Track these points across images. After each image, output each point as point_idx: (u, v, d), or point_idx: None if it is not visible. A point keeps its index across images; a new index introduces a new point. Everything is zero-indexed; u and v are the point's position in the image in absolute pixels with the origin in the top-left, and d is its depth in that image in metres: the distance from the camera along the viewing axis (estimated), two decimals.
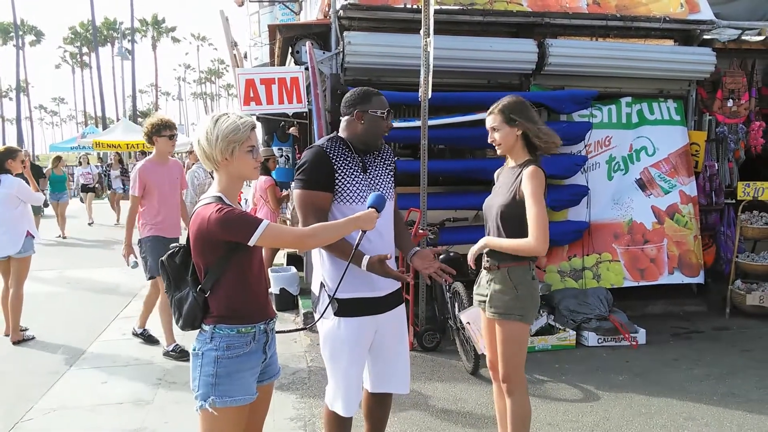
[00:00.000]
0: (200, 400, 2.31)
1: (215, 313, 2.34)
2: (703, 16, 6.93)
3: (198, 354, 2.34)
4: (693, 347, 5.55)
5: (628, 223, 6.61)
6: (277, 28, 6.94)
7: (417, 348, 5.38)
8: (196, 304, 2.34)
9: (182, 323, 2.41)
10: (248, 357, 2.36)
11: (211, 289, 2.33)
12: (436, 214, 5.98)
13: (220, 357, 2.30)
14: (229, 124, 2.30)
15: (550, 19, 6.49)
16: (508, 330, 3.09)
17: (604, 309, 5.81)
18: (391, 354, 2.96)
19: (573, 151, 6.54)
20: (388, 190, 2.95)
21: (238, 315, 2.35)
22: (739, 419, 4.04)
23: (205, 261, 2.32)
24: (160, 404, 4.40)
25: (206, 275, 2.33)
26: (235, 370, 2.31)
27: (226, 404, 2.29)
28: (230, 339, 2.32)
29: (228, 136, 2.29)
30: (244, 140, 2.31)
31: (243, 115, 2.38)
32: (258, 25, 10.77)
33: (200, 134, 2.34)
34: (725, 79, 7.01)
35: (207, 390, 2.29)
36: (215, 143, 2.29)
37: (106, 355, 5.52)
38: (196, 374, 2.33)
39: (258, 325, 2.39)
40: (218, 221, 2.21)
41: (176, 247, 2.45)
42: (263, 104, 6.42)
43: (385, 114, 2.86)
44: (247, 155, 2.33)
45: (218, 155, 2.31)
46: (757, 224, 6.59)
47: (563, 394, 4.51)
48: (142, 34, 61.49)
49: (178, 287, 2.42)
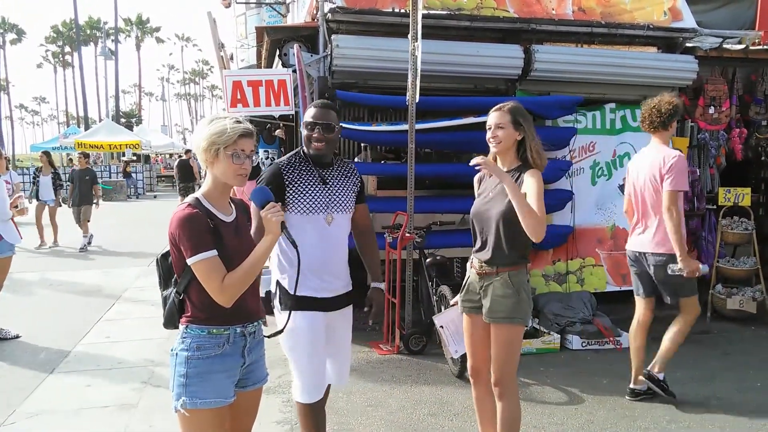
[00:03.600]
0: (174, 401, 2.32)
1: (189, 313, 2.35)
2: (686, 24, 7.03)
3: (173, 354, 2.36)
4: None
5: (611, 228, 6.68)
6: (265, 31, 6.93)
7: (403, 351, 5.39)
8: (173, 305, 2.37)
9: (164, 322, 2.45)
10: (221, 359, 2.33)
11: (186, 290, 2.34)
12: (422, 217, 6.00)
13: (191, 357, 2.30)
14: (218, 126, 2.31)
15: (536, 25, 6.54)
16: (509, 334, 3.12)
17: (588, 312, 5.87)
18: (337, 349, 3.13)
19: (558, 156, 6.59)
20: (348, 203, 3.07)
21: (210, 316, 2.32)
22: (721, 421, 4.10)
23: (178, 260, 2.32)
24: (145, 408, 4.37)
25: (181, 275, 2.33)
26: (205, 371, 2.30)
27: (197, 406, 2.28)
28: (200, 339, 2.32)
29: (212, 136, 2.29)
30: (228, 143, 2.29)
31: (243, 121, 2.37)
32: (245, 27, 10.75)
33: (195, 131, 2.40)
34: (707, 86, 7.11)
35: (179, 390, 2.30)
36: (201, 141, 2.32)
37: (89, 358, 5.47)
38: (172, 374, 2.35)
39: (233, 327, 2.36)
40: (178, 220, 2.23)
41: None
42: (250, 106, 6.39)
43: (304, 124, 2.99)
44: (228, 159, 2.30)
45: (202, 153, 2.33)
46: (738, 229, 6.69)
47: (548, 397, 4.55)
48: (126, 34, 60.95)
49: (167, 286, 2.45)
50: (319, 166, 3.02)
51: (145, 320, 6.59)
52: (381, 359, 5.28)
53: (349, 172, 3.15)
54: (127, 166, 25.35)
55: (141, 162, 26.40)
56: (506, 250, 3.08)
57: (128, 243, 10.65)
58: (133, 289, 8.13)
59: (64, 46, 66.81)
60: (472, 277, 3.25)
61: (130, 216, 17.69)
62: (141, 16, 64.75)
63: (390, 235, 5.53)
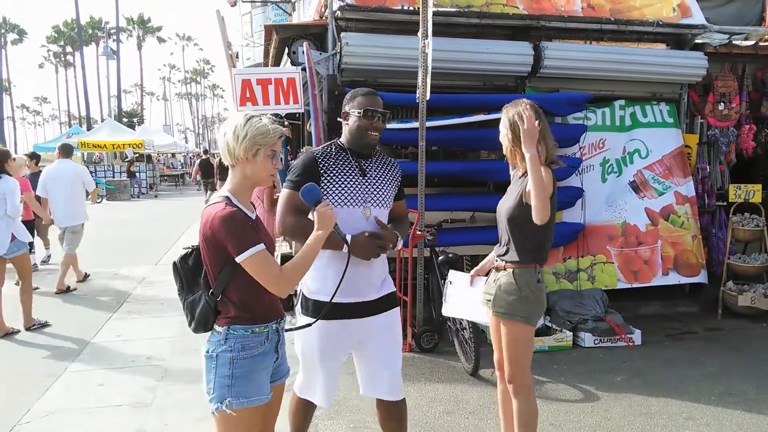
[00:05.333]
0: (216, 402, 2.30)
1: (228, 314, 2.33)
2: (695, 20, 7.01)
3: (212, 356, 2.32)
4: (688, 348, 5.61)
5: (622, 225, 6.66)
6: (274, 29, 6.92)
7: (415, 349, 5.38)
8: (208, 308, 2.34)
9: (194, 326, 2.40)
10: (263, 357, 2.36)
11: (223, 292, 2.32)
12: (433, 215, 5.98)
13: (236, 358, 2.30)
14: (261, 126, 2.32)
15: (545, 22, 6.52)
16: (512, 330, 3.13)
17: (599, 310, 5.86)
18: (377, 360, 2.97)
19: (568, 153, 6.57)
20: (387, 197, 2.95)
21: (252, 315, 2.34)
22: (738, 419, 4.09)
23: (214, 263, 2.31)
24: (160, 406, 4.37)
25: (217, 277, 2.31)
26: (250, 371, 2.31)
27: (243, 405, 2.28)
28: (245, 339, 2.32)
29: (256, 136, 2.29)
30: (269, 144, 2.32)
31: (275, 121, 2.41)
32: (250, 26, 10.73)
33: (228, 128, 2.34)
34: (716, 82, 7.08)
35: (223, 391, 2.28)
36: (242, 140, 2.29)
37: (101, 357, 5.47)
38: (211, 376, 2.31)
39: (270, 324, 2.39)
40: (222, 219, 2.21)
41: (189, 249, 2.43)
42: (260, 104, 6.39)
43: (362, 113, 2.83)
44: (267, 159, 2.33)
45: (241, 152, 2.30)
46: (748, 226, 6.67)
47: (563, 394, 4.53)
48: (127, 34, 61.03)
49: (191, 290, 2.41)
50: (359, 156, 2.91)
51: (155, 319, 6.59)
52: None
53: (390, 165, 3.02)
54: (131, 165, 25.35)
55: (144, 161, 26.31)
56: (514, 248, 3.12)
57: (134, 242, 10.65)
58: (142, 287, 8.12)
59: (66, 46, 66.81)
60: (492, 274, 3.28)
61: (134, 215, 17.67)
62: (143, 15, 64.83)
63: None
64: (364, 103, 2.86)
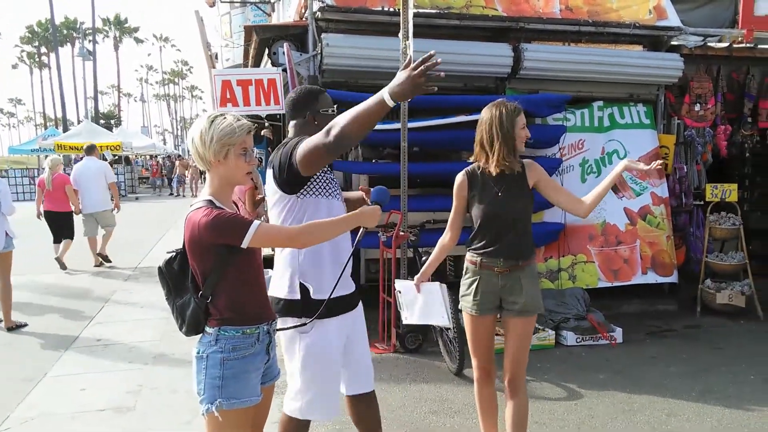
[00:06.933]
0: (206, 404, 2.28)
1: (219, 315, 2.32)
2: (671, 22, 7.11)
3: (203, 357, 2.31)
4: (668, 345, 5.69)
5: (602, 224, 6.73)
6: (254, 29, 6.89)
7: (399, 350, 5.38)
8: (198, 310, 2.32)
9: (186, 329, 2.38)
10: (253, 358, 2.35)
11: (213, 293, 2.30)
12: (416, 216, 6.00)
13: (227, 359, 2.28)
14: (225, 126, 2.27)
15: (524, 23, 6.57)
16: (530, 326, 3.21)
17: (581, 309, 5.92)
18: (361, 353, 2.95)
19: (548, 154, 6.64)
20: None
21: (243, 316, 2.33)
22: (718, 414, 4.16)
23: (202, 266, 2.29)
24: (143, 410, 4.31)
25: (206, 280, 2.30)
26: (241, 372, 2.30)
27: (233, 406, 2.27)
28: (236, 340, 2.31)
29: (223, 138, 2.26)
30: (238, 143, 2.28)
31: (240, 117, 2.35)
32: (229, 26, 10.66)
33: (195, 133, 2.30)
34: (692, 84, 7.20)
35: (213, 393, 2.27)
36: (209, 144, 2.26)
37: (83, 361, 5.40)
38: (201, 377, 2.30)
39: (261, 325, 2.38)
40: (208, 225, 2.19)
41: (173, 253, 2.41)
42: (240, 105, 6.35)
43: (335, 111, 2.85)
44: (240, 158, 2.30)
45: (211, 156, 2.28)
46: (725, 225, 6.78)
47: (547, 392, 4.57)
48: (104, 35, 60.29)
49: (179, 294, 2.39)
50: None
51: (136, 323, 6.51)
52: (378, 358, 5.27)
53: None
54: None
55: (122, 164, 25.97)
56: (527, 245, 3.19)
57: (114, 245, 10.51)
58: (121, 291, 8.03)
59: (40, 46, 65.90)
60: (485, 279, 3.16)
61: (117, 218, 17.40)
62: (119, 16, 64.17)
63: (384, 234, 5.52)
64: (330, 102, 2.89)
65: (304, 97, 2.86)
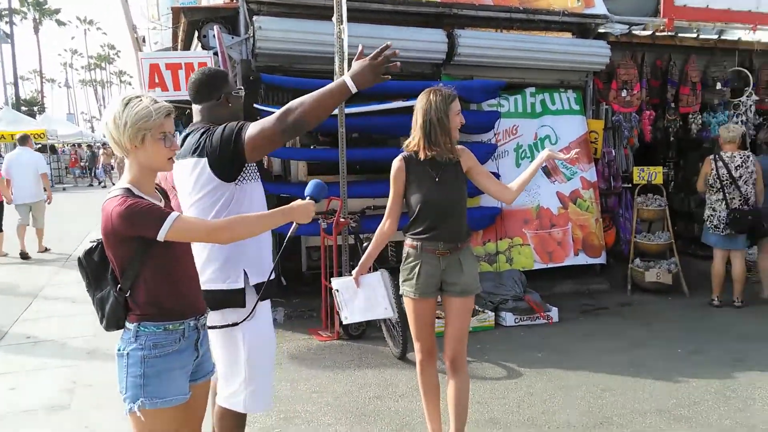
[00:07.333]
0: (129, 403, 2.16)
1: (139, 310, 2.18)
2: (598, 10, 7.33)
3: (123, 354, 2.18)
4: (601, 323, 5.88)
5: (536, 208, 6.89)
6: (182, 11, 6.63)
7: (343, 336, 5.35)
8: (117, 304, 2.19)
9: (106, 324, 2.25)
10: (178, 355, 2.22)
11: (132, 287, 2.17)
12: (356, 202, 5.97)
13: (147, 356, 2.16)
14: (140, 109, 2.12)
15: (458, 10, 6.63)
16: (470, 305, 3.27)
17: (519, 290, 6.04)
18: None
19: (484, 139, 6.73)
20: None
21: (164, 311, 2.20)
22: (649, 387, 4.32)
23: (119, 258, 2.15)
24: (79, 408, 4.13)
25: (124, 273, 2.16)
26: (164, 370, 2.18)
27: (157, 406, 2.15)
28: (157, 337, 2.18)
29: (138, 122, 2.11)
30: (155, 127, 2.14)
31: (158, 99, 2.20)
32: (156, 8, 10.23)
33: (108, 117, 2.15)
34: (619, 70, 7.42)
35: (135, 392, 2.15)
36: (124, 128, 2.12)
37: (11, 360, 5.12)
38: (123, 375, 2.17)
39: (187, 321, 2.25)
40: (121, 216, 2.06)
41: (94, 243, 2.26)
42: (170, 90, 6.14)
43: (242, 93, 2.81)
44: (158, 143, 2.15)
45: (127, 141, 2.13)
46: (652, 206, 7.05)
47: (488, 372, 4.65)
48: (21, 16, 56.96)
49: (99, 286, 2.25)
50: None
51: (67, 318, 6.22)
52: (322, 345, 5.23)
53: None
54: None
55: (48, 153, 24.60)
56: (465, 227, 3.23)
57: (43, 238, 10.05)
58: (50, 286, 7.66)
59: None
60: (427, 262, 3.16)
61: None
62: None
63: (324, 221, 5.47)
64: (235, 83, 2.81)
65: (213, 79, 2.71)
